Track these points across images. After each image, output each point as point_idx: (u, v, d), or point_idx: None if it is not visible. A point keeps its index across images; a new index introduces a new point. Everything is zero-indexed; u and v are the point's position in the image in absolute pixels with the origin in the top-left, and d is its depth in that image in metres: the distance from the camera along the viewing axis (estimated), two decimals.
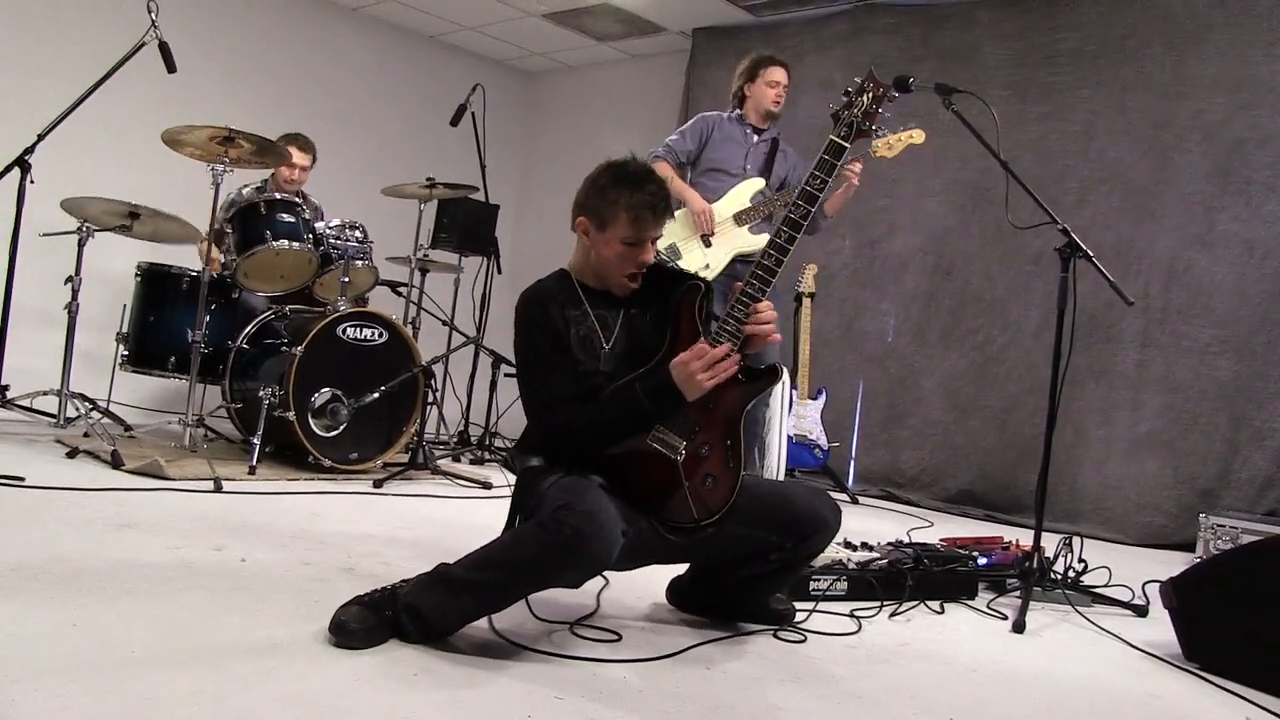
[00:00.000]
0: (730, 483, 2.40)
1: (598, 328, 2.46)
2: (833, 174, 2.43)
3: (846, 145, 2.45)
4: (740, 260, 4.60)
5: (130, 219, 4.74)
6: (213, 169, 4.38)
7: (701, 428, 2.38)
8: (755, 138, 4.81)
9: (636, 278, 2.48)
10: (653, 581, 2.82)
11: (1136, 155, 5.56)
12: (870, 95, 2.46)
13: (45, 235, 4.78)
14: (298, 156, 5.54)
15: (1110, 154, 5.65)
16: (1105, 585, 3.53)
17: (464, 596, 2.19)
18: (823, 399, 5.64)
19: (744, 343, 2.36)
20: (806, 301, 5.65)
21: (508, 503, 2.48)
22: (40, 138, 4.45)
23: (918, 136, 4.45)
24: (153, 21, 4.47)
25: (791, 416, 5.50)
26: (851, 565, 3.12)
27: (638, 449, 2.36)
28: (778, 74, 4.81)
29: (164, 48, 4.53)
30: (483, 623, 2.26)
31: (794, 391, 5.50)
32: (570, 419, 2.39)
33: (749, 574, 2.57)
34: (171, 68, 4.58)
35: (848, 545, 3.33)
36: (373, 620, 2.13)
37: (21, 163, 4.43)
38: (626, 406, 2.35)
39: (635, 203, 2.39)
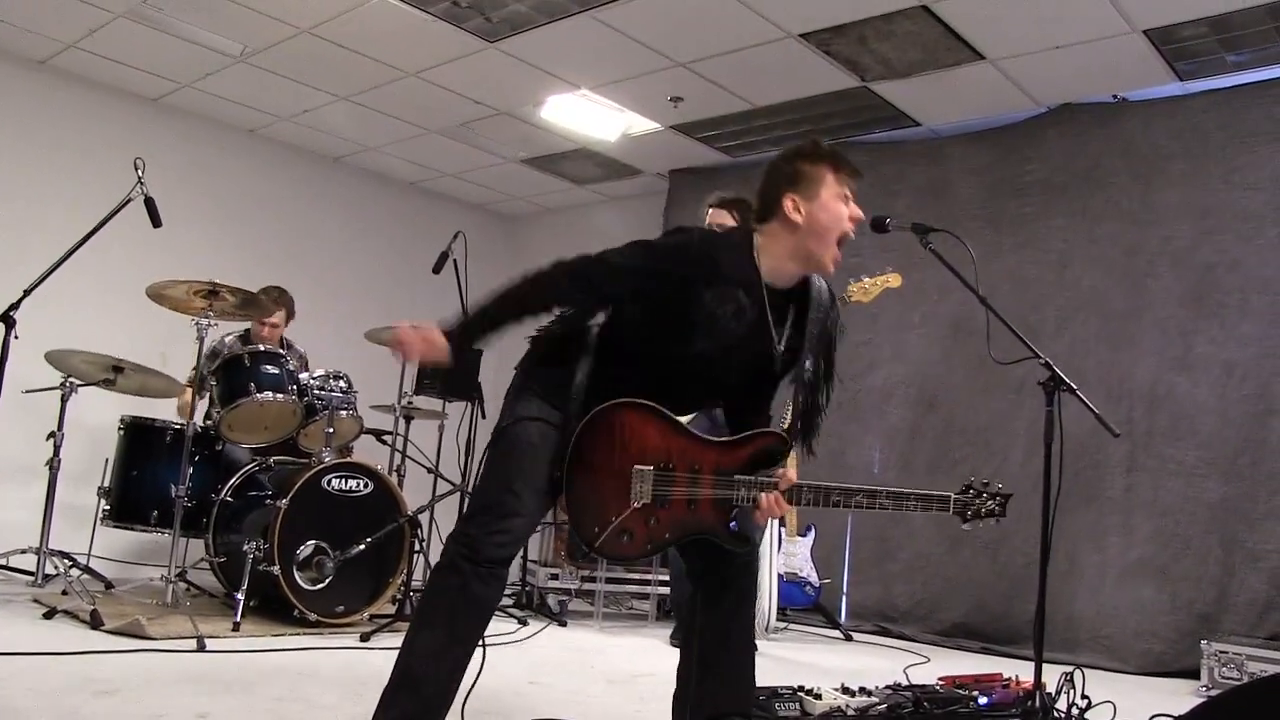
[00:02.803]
0: (633, 557, 2.42)
1: (772, 322, 2.43)
2: None
3: None
4: None
5: (114, 372, 4.74)
6: (197, 323, 4.39)
7: (671, 505, 2.33)
8: None
9: (843, 243, 2.44)
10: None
11: (1110, 282, 5.66)
12: None
13: (28, 391, 4.77)
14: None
15: (1085, 281, 5.74)
16: None
17: (422, 680, 2.22)
18: (812, 535, 5.59)
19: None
20: None
21: (498, 652, 2.43)
22: (26, 293, 4.44)
23: (894, 280, 4.49)
24: (139, 178, 4.52)
25: (781, 554, 5.44)
26: (850, 712, 3.05)
27: (620, 466, 2.33)
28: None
29: (149, 203, 4.55)
30: None
31: (783, 529, 5.44)
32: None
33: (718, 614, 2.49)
34: (157, 223, 4.60)
35: (845, 690, 3.26)
36: None
37: (6, 318, 4.42)
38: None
39: (834, 156, 2.42)
